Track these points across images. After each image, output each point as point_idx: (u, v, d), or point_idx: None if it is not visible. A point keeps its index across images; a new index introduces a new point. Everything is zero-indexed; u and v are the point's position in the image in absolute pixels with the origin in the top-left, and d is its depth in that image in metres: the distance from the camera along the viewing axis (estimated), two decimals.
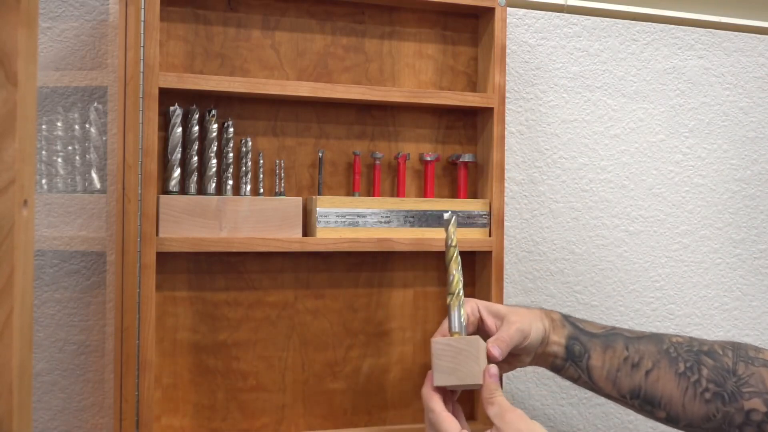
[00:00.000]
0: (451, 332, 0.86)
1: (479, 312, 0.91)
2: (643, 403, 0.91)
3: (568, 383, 1.18)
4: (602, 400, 1.19)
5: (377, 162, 1.00)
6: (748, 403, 0.87)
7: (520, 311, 0.90)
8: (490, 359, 0.85)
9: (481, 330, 0.91)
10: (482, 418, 1.03)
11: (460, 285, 0.87)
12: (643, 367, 0.90)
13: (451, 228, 0.88)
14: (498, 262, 1.01)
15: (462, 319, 0.86)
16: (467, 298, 0.91)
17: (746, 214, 1.28)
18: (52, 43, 0.94)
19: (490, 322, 0.90)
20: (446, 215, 0.89)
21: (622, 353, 0.90)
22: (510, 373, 1.15)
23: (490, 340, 0.87)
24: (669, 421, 0.91)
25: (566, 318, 0.93)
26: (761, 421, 0.87)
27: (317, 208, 0.95)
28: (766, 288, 1.29)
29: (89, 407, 0.93)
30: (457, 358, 0.83)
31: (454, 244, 0.88)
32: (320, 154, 0.98)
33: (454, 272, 0.87)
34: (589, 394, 1.19)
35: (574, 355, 0.91)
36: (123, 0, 0.88)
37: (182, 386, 0.94)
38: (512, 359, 0.91)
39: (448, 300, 0.86)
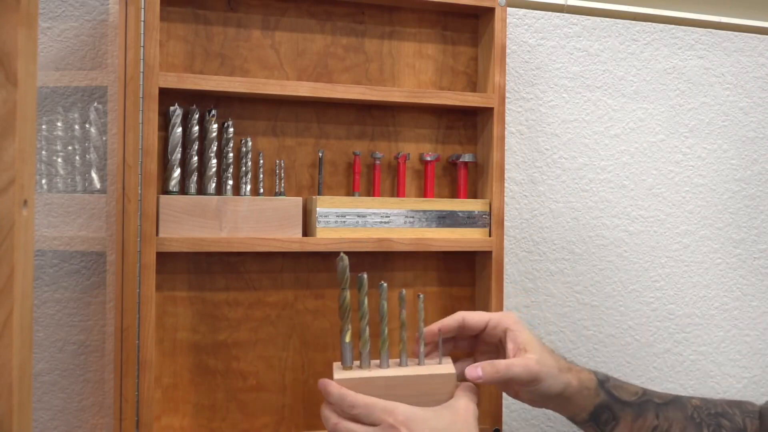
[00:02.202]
0: (344, 366, 0.86)
1: (504, 336, 0.89)
2: None
3: None
4: None
5: (377, 162, 1.00)
6: None
7: (544, 355, 0.87)
8: (468, 377, 0.84)
9: (492, 349, 0.92)
10: (482, 419, 1.03)
11: (348, 312, 0.86)
12: None
13: (344, 263, 0.87)
14: (498, 262, 1.01)
15: (349, 352, 0.86)
16: (506, 312, 0.91)
17: (746, 214, 1.28)
18: (52, 43, 0.94)
19: (510, 349, 0.88)
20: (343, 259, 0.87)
21: (653, 422, 0.91)
22: None
23: (485, 362, 0.85)
24: None
25: (602, 384, 0.90)
26: None
27: (317, 208, 0.95)
28: (766, 288, 1.29)
29: (89, 407, 0.93)
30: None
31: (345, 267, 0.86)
32: (320, 154, 0.98)
33: (346, 295, 0.86)
34: None
35: (599, 421, 0.90)
36: (123, 0, 0.88)
37: (182, 386, 0.94)
38: (507, 389, 0.90)
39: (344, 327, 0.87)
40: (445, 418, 0.81)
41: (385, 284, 0.88)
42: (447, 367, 0.88)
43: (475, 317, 0.90)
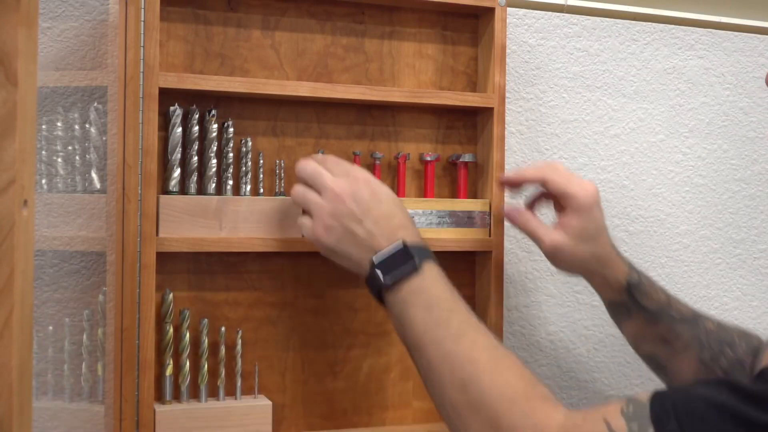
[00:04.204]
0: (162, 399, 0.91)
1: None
2: (654, 366, 0.99)
3: (568, 383, 1.18)
4: (603, 400, 1.19)
5: (377, 162, 1.00)
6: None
7: (579, 248, 0.93)
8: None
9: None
10: None
11: (170, 346, 0.91)
12: (672, 348, 0.96)
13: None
14: (498, 262, 1.01)
15: (169, 386, 0.91)
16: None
17: (746, 214, 1.28)
18: (52, 43, 0.94)
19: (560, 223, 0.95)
20: None
21: (662, 331, 0.96)
22: None
23: (526, 212, 0.96)
24: (666, 382, 0.99)
25: (629, 289, 0.95)
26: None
27: None
28: (766, 288, 1.29)
29: (89, 407, 0.93)
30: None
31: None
32: (320, 154, 0.98)
33: (169, 329, 0.91)
34: (590, 394, 1.19)
35: (614, 312, 0.98)
36: (123, 0, 0.88)
37: None
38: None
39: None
40: (393, 193, 0.88)
41: (206, 320, 0.93)
42: (262, 399, 0.94)
43: (558, 185, 0.94)
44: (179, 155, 0.92)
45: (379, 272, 0.82)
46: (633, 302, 0.96)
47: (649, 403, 0.65)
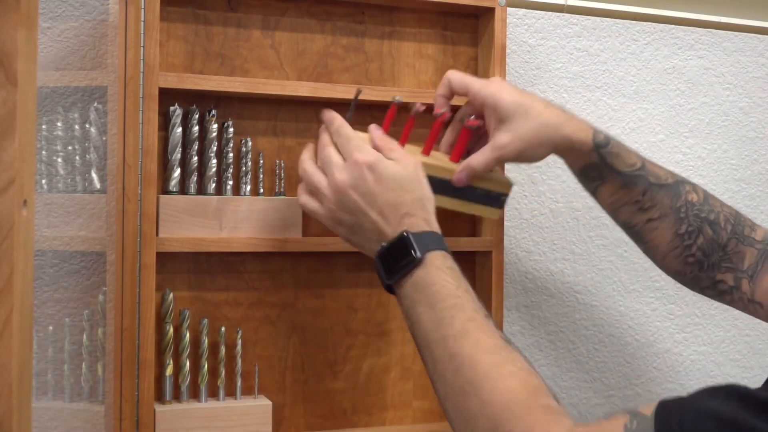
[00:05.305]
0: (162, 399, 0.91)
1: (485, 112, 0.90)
2: (632, 235, 0.95)
3: (568, 383, 1.18)
4: (602, 400, 1.19)
5: (413, 114, 0.96)
6: (720, 275, 0.92)
7: (524, 132, 0.87)
8: (454, 181, 0.89)
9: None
10: None
11: (170, 346, 0.91)
12: (648, 214, 0.92)
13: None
14: (498, 262, 1.01)
15: (169, 386, 0.90)
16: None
17: (746, 214, 1.28)
18: (52, 43, 0.94)
19: (491, 125, 0.90)
20: None
21: (636, 197, 0.92)
22: None
23: (463, 164, 0.89)
24: (645, 253, 0.96)
25: (597, 148, 0.89)
26: (725, 291, 0.92)
27: None
28: None
29: (89, 407, 0.93)
30: None
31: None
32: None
33: (169, 329, 0.90)
34: (589, 393, 1.19)
35: (587, 177, 0.93)
36: (123, 0, 0.88)
37: None
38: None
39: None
40: (407, 169, 0.84)
41: (206, 320, 0.92)
42: (261, 399, 0.94)
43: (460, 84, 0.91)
44: (179, 155, 0.92)
45: (381, 269, 0.81)
46: (604, 164, 0.90)
47: (654, 418, 0.63)
